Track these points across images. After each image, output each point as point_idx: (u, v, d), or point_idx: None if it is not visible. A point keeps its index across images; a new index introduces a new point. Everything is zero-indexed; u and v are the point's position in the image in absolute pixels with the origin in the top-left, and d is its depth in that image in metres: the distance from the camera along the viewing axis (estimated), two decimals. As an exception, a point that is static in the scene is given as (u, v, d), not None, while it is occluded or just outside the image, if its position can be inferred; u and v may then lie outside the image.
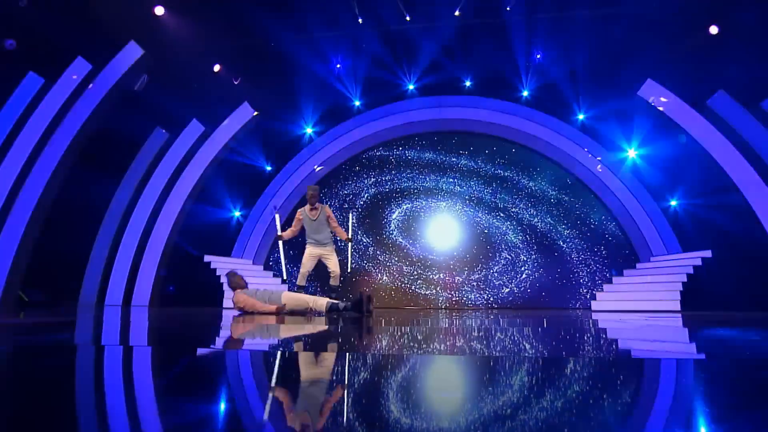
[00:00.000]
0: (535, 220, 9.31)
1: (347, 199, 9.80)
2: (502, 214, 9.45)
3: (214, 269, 8.53)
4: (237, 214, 9.44)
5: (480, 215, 9.51)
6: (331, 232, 6.01)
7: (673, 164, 8.29)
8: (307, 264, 5.95)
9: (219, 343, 2.57)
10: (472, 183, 9.63)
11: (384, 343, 2.48)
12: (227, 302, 8.12)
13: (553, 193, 9.29)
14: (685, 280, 7.94)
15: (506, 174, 9.56)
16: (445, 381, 1.50)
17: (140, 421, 0.98)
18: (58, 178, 7.61)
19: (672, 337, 3.03)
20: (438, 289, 9.36)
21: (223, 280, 8.30)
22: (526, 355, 1.97)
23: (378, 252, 9.55)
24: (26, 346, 2.26)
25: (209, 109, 8.81)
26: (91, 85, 7.59)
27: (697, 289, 7.81)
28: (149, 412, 1.06)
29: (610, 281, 8.65)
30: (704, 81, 7.75)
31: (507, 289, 9.14)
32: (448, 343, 2.40)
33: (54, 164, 7.49)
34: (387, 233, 9.67)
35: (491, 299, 9.15)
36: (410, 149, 9.94)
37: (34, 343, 2.37)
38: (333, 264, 5.92)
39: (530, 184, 9.44)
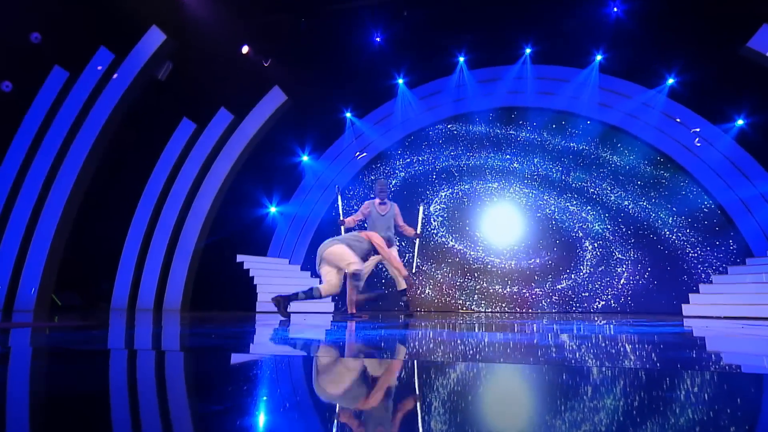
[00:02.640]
0: (626, 203, 8.10)
1: (393, 189, 9.12)
2: (576, 198, 8.33)
3: (248, 270, 8.19)
4: (273, 209, 9.05)
5: (545, 197, 8.46)
6: (394, 234, 5.90)
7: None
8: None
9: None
10: (535, 159, 8.59)
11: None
12: (261, 306, 7.75)
13: (645, 171, 8.08)
14: (816, 278, 6.50)
15: (581, 147, 8.42)
16: None
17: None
18: (85, 177, 7.58)
19: None
20: (504, 305, 8.34)
21: (256, 276, 7.95)
22: None
23: (419, 258, 8.71)
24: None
25: (237, 95, 8.47)
26: (115, 75, 7.43)
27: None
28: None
29: (708, 281, 7.33)
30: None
31: (602, 302, 7.99)
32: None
33: (81, 162, 7.46)
34: (428, 231, 8.82)
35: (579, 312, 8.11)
36: (462, 126, 9.07)
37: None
38: (390, 265, 5.61)
39: (613, 159, 8.25)
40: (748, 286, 6.92)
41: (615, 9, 7.58)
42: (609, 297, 8.00)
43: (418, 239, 6.23)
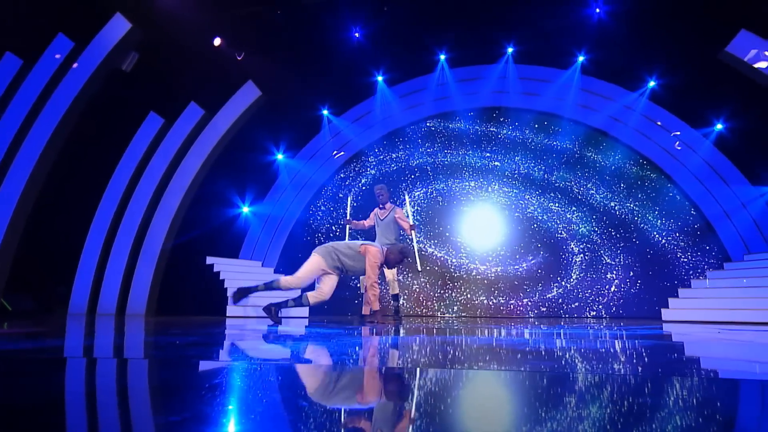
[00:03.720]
0: (612, 204, 8.22)
1: (365, 188, 9.06)
2: (561, 201, 8.38)
3: (218, 272, 7.97)
4: (245, 209, 8.85)
5: (527, 197, 8.54)
6: (399, 236, 6.08)
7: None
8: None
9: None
10: (517, 158, 8.65)
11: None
12: (232, 310, 7.55)
13: (628, 175, 8.25)
14: (790, 283, 6.69)
15: (565, 149, 8.53)
16: None
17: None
18: (41, 172, 7.24)
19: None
20: (488, 314, 8.30)
21: (228, 285, 7.74)
22: None
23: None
24: None
25: (209, 90, 8.26)
26: (75, 65, 7.13)
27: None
28: None
29: (688, 285, 7.50)
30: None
31: (593, 311, 8.03)
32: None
33: (36, 156, 7.12)
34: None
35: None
36: (443, 126, 9.09)
37: None
38: (389, 270, 5.85)
39: (596, 162, 8.38)
40: (726, 291, 7.11)
41: (597, 10, 7.70)
42: (600, 306, 8.06)
43: (413, 231, 6.18)
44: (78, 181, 7.60)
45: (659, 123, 7.86)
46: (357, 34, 8.67)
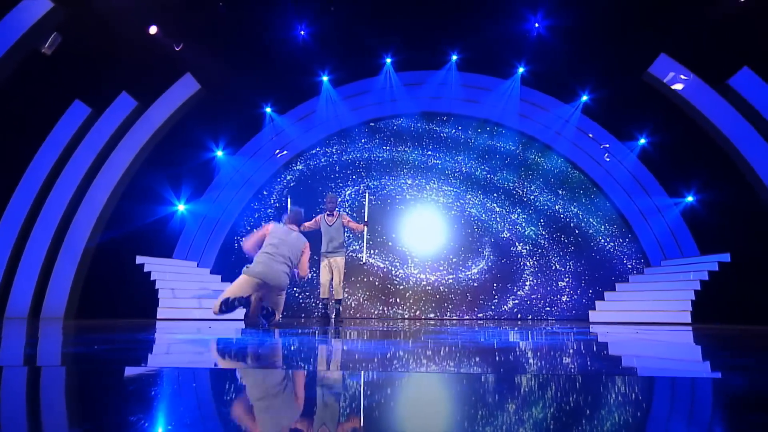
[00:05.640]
0: (557, 207, 8.61)
1: (300, 188, 8.92)
2: (502, 204, 8.65)
3: (149, 273, 7.51)
4: (181, 207, 8.41)
5: (468, 197, 8.83)
6: (345, 241, 6.50)
7: (689, 154, 7.63)
8: (325, 274, 6.38)
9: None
10: (458, 157, 8.86)
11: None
12: (163, 312, 7.16)
13: (562, 183, 8.67)
14: (698, 288, 7.28)
15: (506, 155, 8.82)
16: None
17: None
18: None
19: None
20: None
21: (157, 280, 7.31)
22: None
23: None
24: None
25: (143, 80, 7.77)
26: (-15, 45, 6.44)
27: (711, 298, 7.14)
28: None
29: (612, 288, 7.98)
30: (726, 56, 7.05)
31: (548, 319, 8.28)
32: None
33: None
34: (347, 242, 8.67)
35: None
36: (387, 128, 9.12)
37: None
38: (337, 274, 6.23)
39: (538, 165, 8.70)
40: (645, 294, 7.62)
41: (536, 25, 8.00)
42: (553, 318, 8.35)
43: (366, 227, 6.62)
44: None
45: (591, 135, 8.30)
46: (302, 32, 8.48)
